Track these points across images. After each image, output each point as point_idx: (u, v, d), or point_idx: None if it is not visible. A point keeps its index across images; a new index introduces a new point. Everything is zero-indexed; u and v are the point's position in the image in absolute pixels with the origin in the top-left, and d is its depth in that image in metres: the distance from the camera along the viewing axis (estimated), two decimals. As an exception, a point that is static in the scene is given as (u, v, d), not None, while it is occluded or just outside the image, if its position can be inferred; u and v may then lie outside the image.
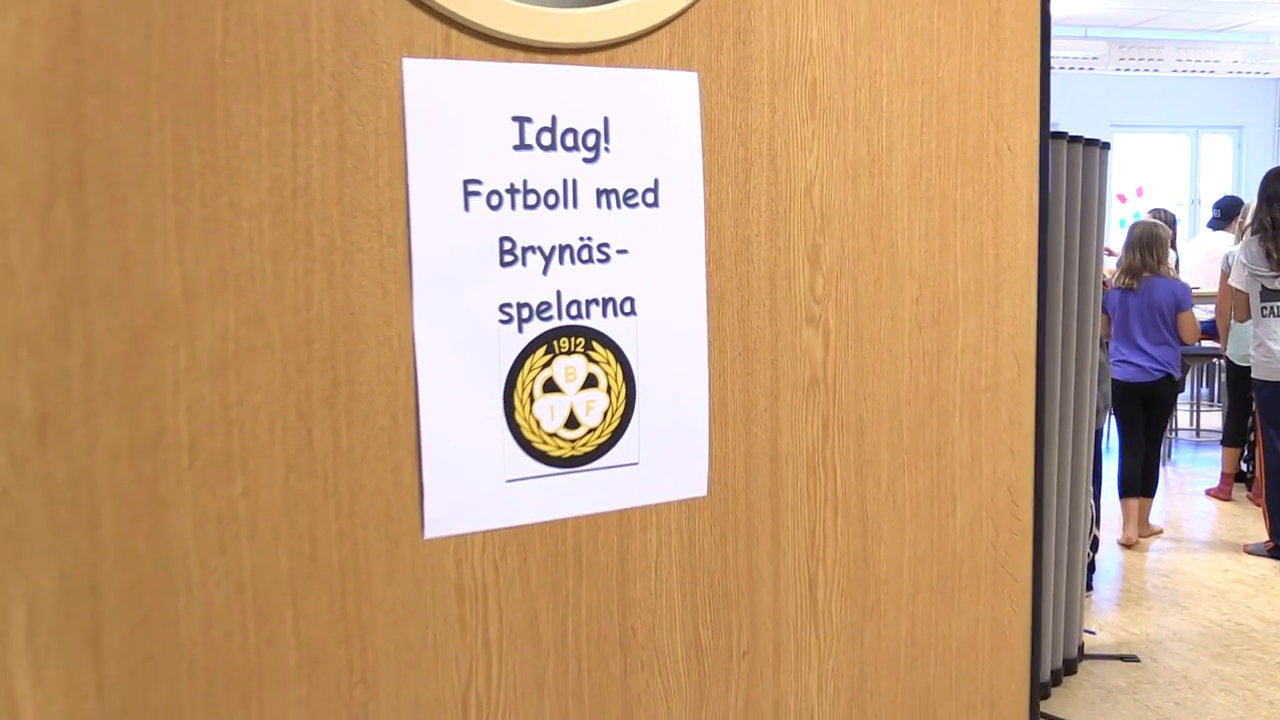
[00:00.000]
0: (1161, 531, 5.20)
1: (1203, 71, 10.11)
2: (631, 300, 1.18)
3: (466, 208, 1.08)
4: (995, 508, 1.46)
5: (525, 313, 1.12)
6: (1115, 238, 6.41)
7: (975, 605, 1.46)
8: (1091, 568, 4.30)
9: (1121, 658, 3.71)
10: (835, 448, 1.33)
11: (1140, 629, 3.99)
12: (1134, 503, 5.00)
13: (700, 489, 1.24)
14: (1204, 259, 6.51)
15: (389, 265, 1.06)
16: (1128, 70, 9.92)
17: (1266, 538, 4.82)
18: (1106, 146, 3.47)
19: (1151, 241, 4.81)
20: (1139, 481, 4.97)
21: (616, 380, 1.18)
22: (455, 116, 1.07)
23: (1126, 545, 4.98)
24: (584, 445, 1.17)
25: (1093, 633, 3.92)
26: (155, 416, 0.97)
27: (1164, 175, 10.67)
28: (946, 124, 1.37)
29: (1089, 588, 4.23)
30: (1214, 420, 7.33)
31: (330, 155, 1.02)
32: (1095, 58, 9.52)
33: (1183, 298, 4.84)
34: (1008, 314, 1.44)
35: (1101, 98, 9.76)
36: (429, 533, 1.10)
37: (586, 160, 1.14)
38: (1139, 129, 10.31)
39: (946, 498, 1.42)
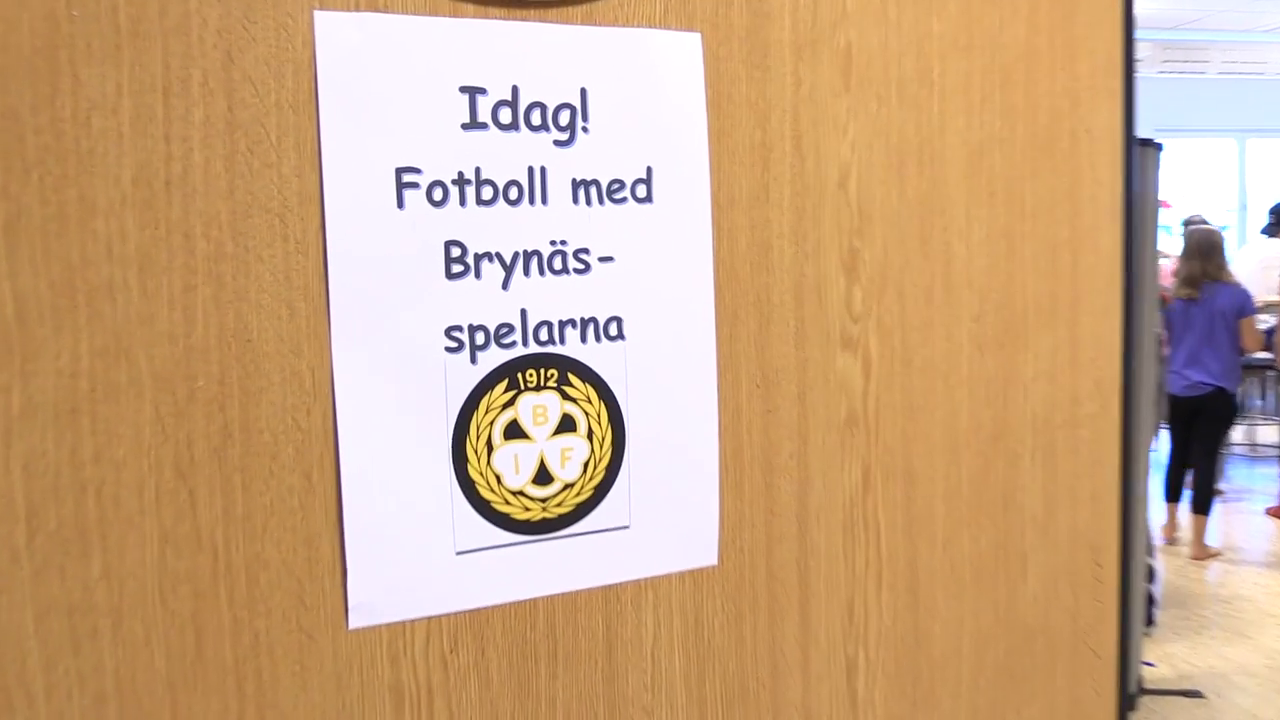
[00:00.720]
0: (1220, 553, 5.22)
1: (1250, 73, 10.30)
2: (618, 321, 1.07)
3: (401, 203, 0.97)
4: (1074, 569, 1.33)
5: (480, 338, 1.01)
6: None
7: (1050, 690, 1.33)
8: (1151, 601, 4.33)
9: (1184, 693, 3.66)
10: (879, 501, 1.22)
11: (1203, 661, 3.94)
12: (1173, 506, 5.36)
13: (709, 557, 1.14)
14: (1257, 266, 6.62)
15: (297, 278, 0.94)
16: (1172, 73, 10.11)
17: (1335, 562, 4.79)
18: (1160, 146, 3.59)
19: (1210, 248, 4.95)
20: (1178, 488, 5.31)
21: (600, 422, 1.07)
22: (385, 86, 0.95)
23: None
24: (559, 506, 1.06)
25: (1152, 665, 3.88)
26: (-21, 479, 0.84)
27: (1210, 180, 10.80)
28: (1011, 100, 1.24)
29: (1150, 622, 4.24)
30: (1270, 435, 7.45)
31: (216, 136, 0.90)
32: (1139, 60, 9.55)
33: (1245, 303, 4.98)
34: (1088, 334, 1.31)
35: (1145, 101, 9.79)
36: (355, 621, 0.98)
37: (558, 144, 1.03)
38: (1184, 133, 10.38)
39: (1015, 559, 1.30)
